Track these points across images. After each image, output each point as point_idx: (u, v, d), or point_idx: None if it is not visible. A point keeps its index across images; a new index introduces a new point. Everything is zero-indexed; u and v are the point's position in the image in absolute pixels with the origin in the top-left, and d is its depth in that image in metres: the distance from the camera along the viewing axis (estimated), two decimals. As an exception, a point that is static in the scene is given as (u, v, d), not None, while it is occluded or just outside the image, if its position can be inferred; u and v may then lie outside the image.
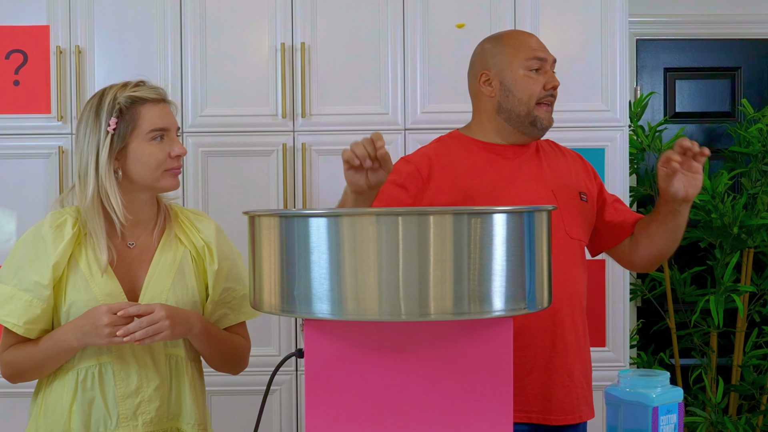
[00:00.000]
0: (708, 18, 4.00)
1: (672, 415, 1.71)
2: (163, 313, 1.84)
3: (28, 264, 1.90)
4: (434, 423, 1.48)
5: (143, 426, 1.92)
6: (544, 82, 2.20)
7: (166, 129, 1.94)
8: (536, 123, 2.21)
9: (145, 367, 1.94)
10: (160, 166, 1.93)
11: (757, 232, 3.53)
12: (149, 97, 1.95)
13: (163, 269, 1.97)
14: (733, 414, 3.69)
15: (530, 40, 2.27)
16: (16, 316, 1.89)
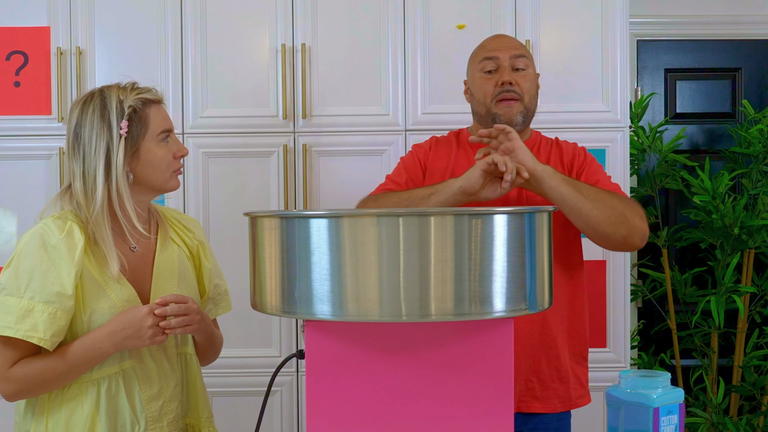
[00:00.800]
0: (709, 19, 4.00)
1: (673, 416, 1.70)
2: (195, 306, 1.89)
3: (42, 275, 1.80)
4: (435, 424, 1.48)
5: (168, 426, 1.93)
6: (497, 80, 2.27)
7: (171, 130, 1.95)
8: (496, 119, 2.28)
9: (162, 367, 1.94)
10: (169, 168, 1.92)
11: (757, 233, 3.53)
12: (155, 99, 1.94)
13: (165, 271, 1.97)
14: (734, 415, 3.69)
15: (489, 41, 2.36)
16: (41, 330, 1.78)
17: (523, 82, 2.28)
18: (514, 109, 2.27)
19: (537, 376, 2.25)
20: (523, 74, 2.29)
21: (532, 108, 2.33)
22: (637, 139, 3.67)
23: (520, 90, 2.27)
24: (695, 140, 4.02)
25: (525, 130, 2.36)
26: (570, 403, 2.31)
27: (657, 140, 3.67)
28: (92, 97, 1.90)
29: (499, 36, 2.40)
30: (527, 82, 2.29)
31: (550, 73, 3.06)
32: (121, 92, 1.90)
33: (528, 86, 2.29)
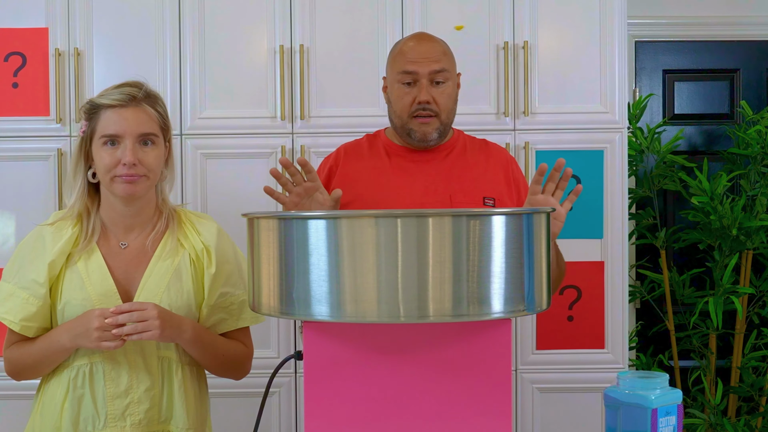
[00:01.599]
0: (707, 20, 4.00)
1: (671, 417, 1.70)
2: (155, 313, 1.85)
3: (28, 263, 1.94)
4: (433, 424, 1.48)
5: (131, 427, 1.92)
6: (414, 96, 2.24)
7: (118, 135, 1.91)
8: (411, 134, 2.28)
9: (136, 368, 1.94)
10: (108, 172, 1.92)
11: (756, 234, 3.53)
12: (106, 103, 1.92)
13: (159, 272, 1.97)
14: (732, 416, 3.69)
15: (410, 49, 2.28)
16: (13, 314, 1.93)
17: (441, 98, 2.26)
18: (430, 126, 2.26)
19: None
20: (442, 89, 2.26)
21: (449, 121, 2.32)
22: (636, 140, 3.67)
23: (437, 107, 2.25)
24: (693, 141, 4.02)
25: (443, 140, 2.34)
26: None
27: (655, 141, 3.67)
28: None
29: (420, 41, 2.32)
30: (445, 98, 2.26)
31: (548, 74, 3.06)
32: (98, 93, 1.97)
33: (445, 102, 2.27)
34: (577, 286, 3.06)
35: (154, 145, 1.95)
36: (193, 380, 2.02)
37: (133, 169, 1.90)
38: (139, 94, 1.95)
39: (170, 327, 1.88)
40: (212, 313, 2.03)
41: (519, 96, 3.04)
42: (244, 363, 2.10)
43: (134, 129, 1.91)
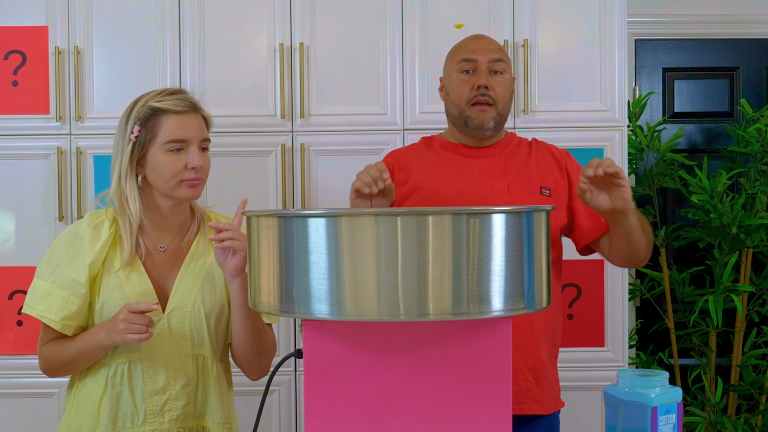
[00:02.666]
0: (707, 18, 4.00)
1: (671, 415, 1.71)
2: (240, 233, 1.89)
3: (65, 262, 1.97)
4: (433, 423, 1.48)
5: (169, 423, 1.99)
6: (473, 83, 2.26)
7: (185, 141, 1.97)
8: (468, 123, 2.28)
9: (173, 365, 2.00)
10: (175, 177, 1.97)
11: (755, 232, 3.53)
12: (170, 108, 1.97)
13: (193, 273, 2.03)
14: (732, 414, 3.69)
15: (468, 42, 2.34)
16: (53, 312, 1.96)
17: (499, 88, 2.27)
18: (487, 114, 2.26)
19: (533, 375, 2.26)
20: (500, 79, 2.28)
21: (505, 114, 2.32)
22: (635, 139, 3.67)
23: (495, 95, 2.26)
24: (693, 139, 4.02)
25: (499, 133, 2.36)
26: (557, 402, 2.33)
27: (655, 139, 3.67)
28: (134, 100, 2.02)
29: (478, 37, 2.37)
30: (503, 88, 2.28)
31: (548, 72, 3.06)
32: (149, 98, 1.99)
33: (503, 92, 2.28)
34: (577, 284, 3.06)
35: (207, 150, 2.05)
36: (224, 377, 2.10)
37: (198, 173, 1.99)
38: (196, 102, 2.04)
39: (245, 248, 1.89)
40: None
41: (519, 94, 3.04)
42: (272, 349, 2.12)
43: (198, 135, 1.99)
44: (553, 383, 2.33)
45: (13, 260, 3.08)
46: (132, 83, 3.07)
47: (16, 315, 3.06)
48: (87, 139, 3.06)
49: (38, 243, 3.06)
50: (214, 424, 2.03)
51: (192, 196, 2.01)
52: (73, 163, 3.05)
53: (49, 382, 3.05)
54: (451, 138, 2.38)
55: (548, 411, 2.30)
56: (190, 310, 2.01)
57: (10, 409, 3.07)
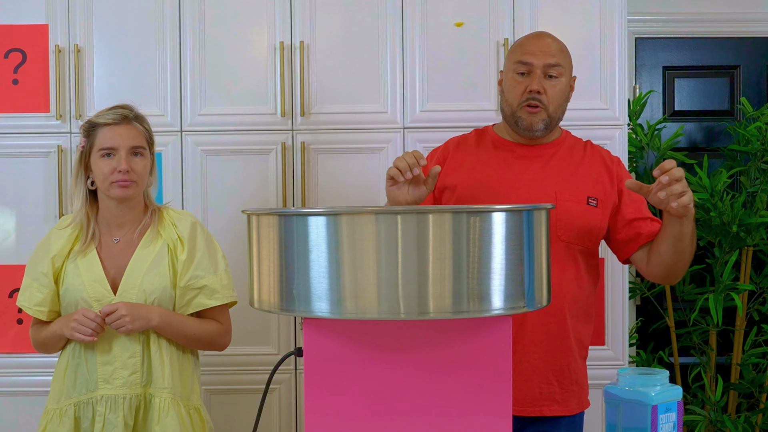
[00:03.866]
0: (707, 16, 4.00)
1: (671, 414, 1.71)
2: (124, 312, 2.24)
3: (39, 259, 2.38)
4: (433, 421, 1.48)
5: (117, 389, 2.30)
6: (526, 85, 2.28)
7: (113, 148, 2.30)
8: (518, 123, 2.30)
9: (120, 340, 2.32)
10: (107, 178, 2.30)
11: (756, 231, 3.53)
12: (102, 122, 2.33)
13: (141, 260, 2.34)
14: (732, 412, 3.69)
15: (528, 41, 2.35)
16: (28, 301, 2.37)
17: (552, 91, 2.28)
18: (536, 117, 2.28)
19: (557, 378, 2.27)
20: (554, 83, 2.28)
21: (557, 116, 2.33)
22: (636, 137, 3.67)
23: (546, 99, 2.27)
24: (693, 138, 4.02)
25: (552, 132, 2.37)
26: (582, 403, 2.34)
27: (655, 138, 3.67)
28: None
29: (540, 37, 2.36)
30: (556, 92, 2.29)
31: (548, 70, 3.06)
32: (94, 114, 2.37)
33: (555, 96, 2.29)
34: (577, 283, 3.05)
35: (143, 156, 2.35)
36: (174, 350, 2.37)
37: (127, 176, 2.30)
38: (130, 114, 2.35)
39: (138, 318, 2.27)
40: (184, 293, 2.36)
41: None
42: (217, 340, 2.44)
43: (127, 142, 2.31)
44: (582, 385, 2.35)
45: (14, 258, 3.08)
46: (132, 82, 3.06)
47: (16, 313, 3.06)
48: (87, 138, 3.06)
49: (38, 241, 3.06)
50: (157, 389, 2.32)
51: (123, 195, 2.32)
52: (73, 162, 3.05)
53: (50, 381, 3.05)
54: (504, 134, 2.39)
55: (572, 412, 2.31)
56: (135, 293, 2.31)
57: (10, 407, 3.07)
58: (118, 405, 2.29)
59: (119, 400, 2.29)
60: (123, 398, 2.30)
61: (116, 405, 2.29)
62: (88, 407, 2.31)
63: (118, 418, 2.28)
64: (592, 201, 2.29)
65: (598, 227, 2.29)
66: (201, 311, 2.39)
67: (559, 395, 2.28)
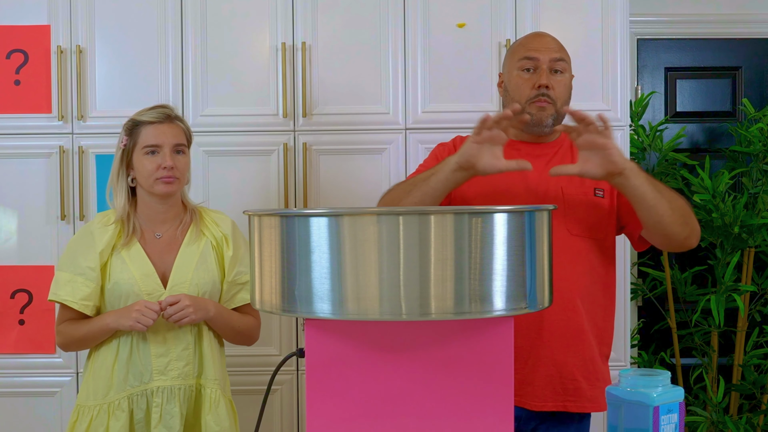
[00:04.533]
0: (709, 17, 4.00)
1: (673, 415, 1.71)
2: (188, 302, 2.32)
3: (81, 254, 2.39)
4: (435, 422, 1.48)
5: (172, 380, 2.37)
6: (534, 82, 2.27)
7: (158, 145, 2.37)
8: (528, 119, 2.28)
9: (173, 332, 2.39)
10: (151, 175, 2.36)
11: (757, 232, 3.53)
12: (146, 120, 2.39)
13: (188, 256, 2.42)
14: (734, 413, 3.69)
15: (530, 40, 2.36)
16: (72, 295, 2.37)
17: (559, 87, 2.29)
18: (546, 111, 2.28)
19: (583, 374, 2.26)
20: (560, 78, 2.30)
21: (563, 113, 2.31)
22: (638, 138, 3.67)
23: (554, 95, 2.28)
24: (695, 139, 4.02)
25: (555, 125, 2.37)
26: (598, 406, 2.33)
27: (657, 139, 3.67)
28: None
29: (540, 34, 2.39)
30: (562, 87, 2.30)
31: (550, 71, 3.06)
32: (136, 113, 2.43)
33: (562, 91, 2.30)
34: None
35: (184, 154, 2.42)
36: (216, 342, 2.48)
37: (171, 172, 2.36)
38: (172, 113, 2.43)
39: (200, 309, 2.35)
40: (230, 288, 2.47)
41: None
42: (254, 333, 2.54)
43: (171, 140, 2.38)
44: (607, 383, 2.31)
45: (16, 259, 3.08)
46: (134, 82, 3.07)
47: (18, 314, 3.07)
48: (89, 138, 3.06)
49: (40, 242, 3.07)
50: (208, 380, 2.42)
51: (167, 191, 2.38)
52: (75, 162, 3.06)
53: (51, 381, 3.05)
54: (514, 135, 2.37)
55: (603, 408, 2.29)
56: (187, 286, 2.39)
57: (11, 408, 3.08)
58: (174, 395, 2.37)
59: (175, 390, 2.37)
60: (179, 389, 2.38)
61: (172, 395, 2.37)
62: (143, 399, 2.37)
63: (174, 408, 2.36)
64: (599, 192, 2.28)
65: (608, 217, 2.29)
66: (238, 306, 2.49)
67: (588, 391, 2.26)
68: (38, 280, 3.07)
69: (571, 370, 2.25)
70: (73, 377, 3.08)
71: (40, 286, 3.06)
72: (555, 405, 2.26)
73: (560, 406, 2.26)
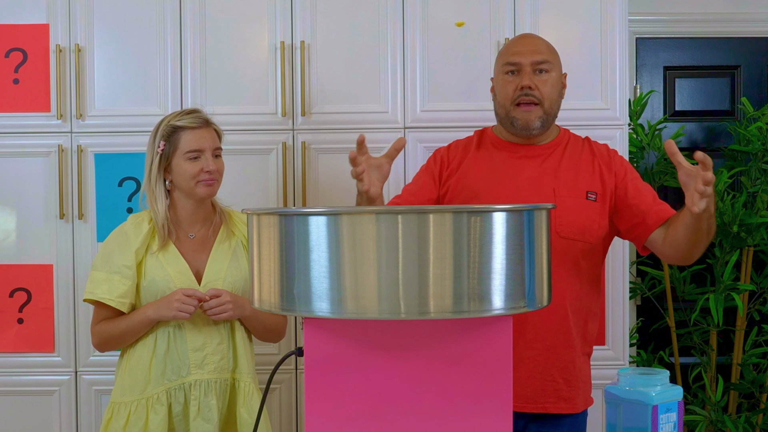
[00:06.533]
0: (708, 16, 4.00)
1: (672, 414, 1.71)
2: (228, 298, 2.40)
3: (116, 253, 2.45)
4: (434, 421, 1.48)
5: (209, 374, 2.43)
6: (517, 84, 2.29)
7: (200, 150, 2.44)
8: (514, 123, 2.32)
9: (208, 327, 2.45)
10: (194, 178, 2.44)
11: (756, 231, 3.53)
12: (187, 125, 2.44)
13: (221, 254, 2.50)
14: (733, 412, 3.69)
15: (514, 44, 2.38)
16: (108, 293, 2.42)
17: (544, 87, 2.30)
18: (532, 114, 2.30)
19: (563, 375, 2.27)
20: (545, 78, 2.31)
21: (553, 112, 2.35)
22: (636, 137, 3.67)
23: (539, 95, 2.29)
24: (694, 138, 4.02)
25: (549, 131, 2.37)
26: (587, 400, 2.34)
27: (656, 138, 3.67)
28: (159, 121, 2.49)
29: (524, 37, 2.41)
30: (548, 86, 2.31)
31: (549, 70, 3.06)
32: (171, 118, 2.47)
33: (548, 90, 2.31)
34: (578, 283, 3.05)
35: (220, 156, 2.50)
36: (247, 338, 2.55)
37: (213, 175, 2.45)
38: (208, 117, 2.50)
39: (238, 307, 2.43)
40: None
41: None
42: (282, 329, 2.62)
43: (211, 144, 2.46)
44: (586, 382, 2.36)
45: (14, 258, 3.08)
46: (133, 81, 3.07)
47: (17, 313, 3.07)
48: (88, 137, 3.06)
49: (39, 241, 3.07)
50: (242, 374, 2.49)
51: (209, 193, 2.47)
52: (74, 161, 3.06)
53: (50, 380, 3.05)
54: (501, 135, 2.41)
55: (578, 410, 2.31)
56: (221, 283, 2.46)
57: (10, 407, 3.08)
58: (210, 388, 2.43)
59: (212, 384, 2.43)
60: (215, 382, 2.44)
61: (209, 389, 2.43)
62: (180, 392, 2.43)
63: (212, 401, 2.42)
64: (591, 195, 2.29)
65: (599, 221, 2.30)
66: None
67: (566, 392, 2.28)
68: (37, 278, 3.06)
69: (552, 372, 2.27)
70: (72, 376, 3.08)
71: (38, 285, 3.06)
72: (535, 407, 2.28)
73: (540, 407, 2.28)
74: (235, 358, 2.50)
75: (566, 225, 2.26)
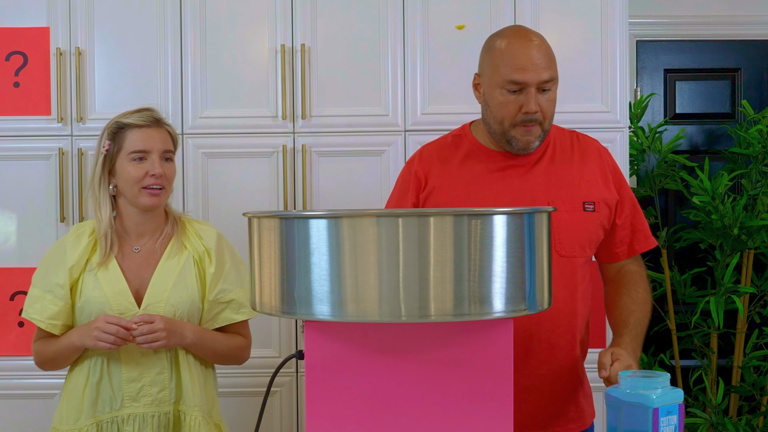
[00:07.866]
0: (708, 19, 4.00)
1: (672, 417, 1.70)
2: (161, 326, 2.13)
3: (52, 269, 2.23)
4: (434, 424, 1.48)
5: (145, 407, 2.20)
6: (521, 104, 2.07)
7: (146, 151, 2.20)
8: (512, 143, 2.12)
9: (147, 355, 2.20)
10: (137, 183, 2.19)
11: (757, 234, 3.53)
12: (134, 123, 2.21)
13: (167, 271, 2.23)
14: (734, 415, 3.69)
15: (517, 55, 2.08)
16: (40, 314, 2.21)
17: (547, 105, 2.09)
18: (532, 134, 2.10)
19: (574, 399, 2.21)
20: (548, 96, 2.09)
21: (549, 127, 2.15)
22: (637, 140, 3.67)
23: (541, 116, 2.08)
24: (695, 141, 4.02)
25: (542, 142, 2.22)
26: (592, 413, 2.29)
27: (656, 141, 3.67)
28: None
29: (527, 47, 2.08)
30: (550, 105, 2.10)
31: (549, 73, 3.06)
32: (119, 115, 2.24)
33: (549, 109, 2.10)
34: (579, 286, 3.05)
35: (171, 161, 2.26)
36: (199, 365, 2.29)
37: (159, 180, 2.19)
38: (160, 116, 2.26)
39: (174, 335, 2.16)
40: (212, 307, 2.28)
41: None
42: (241, 354, 2.36)
43: (160, 146, 2.22)
44: (589, 395, 2.28)
45: (15, 261, 3.08)
46: (133, 84, 3.07)
47: (17, 316, 3.06)
48: (88, 140, 3.06)
49: (39, 244, 3.06)
50: (189, 407, 2.23)
51: (153, 204, 2.21)
52: (75, 165, 3.06)
53: (50, 383, 3.05)
54: (484, 139, 2.21)
55: (587, 425, 2.25)
56: (163, 306, 2.20)
57: (10, 409, 3.07)
58: (146, 423, 2.19)
59: (148, 418, 2.20)
60: (152, 416, 2.20)
61: (144, 423, 2.19)
62: (113, 426, 2.20)
63: None
64: (588, 206, 2.15)
65: (598, 234, 2.17)
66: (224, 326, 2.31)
67: (573, 413, 2.21)
68: (37, 282, 3.07)
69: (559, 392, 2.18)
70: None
71: (39, 288, 3.06)
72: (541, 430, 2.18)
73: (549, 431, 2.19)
74: (179, 388, 2.23)
75: (566, 243, 2.11)
